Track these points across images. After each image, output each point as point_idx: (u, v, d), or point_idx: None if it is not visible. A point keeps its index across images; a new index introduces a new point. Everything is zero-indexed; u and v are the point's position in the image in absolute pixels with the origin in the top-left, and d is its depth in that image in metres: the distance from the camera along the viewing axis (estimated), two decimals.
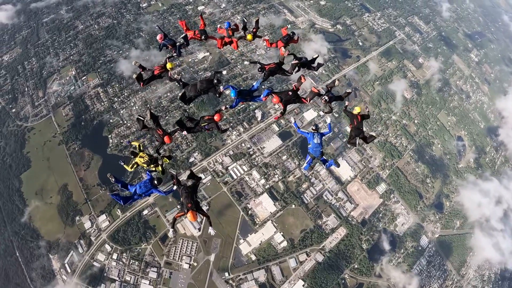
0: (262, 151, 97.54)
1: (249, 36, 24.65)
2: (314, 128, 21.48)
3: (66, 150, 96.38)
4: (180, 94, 21.26)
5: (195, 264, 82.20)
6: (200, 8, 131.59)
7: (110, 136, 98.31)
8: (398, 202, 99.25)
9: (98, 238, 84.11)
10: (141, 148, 22.20)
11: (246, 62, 29.59)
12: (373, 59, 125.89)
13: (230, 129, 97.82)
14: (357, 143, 21.92)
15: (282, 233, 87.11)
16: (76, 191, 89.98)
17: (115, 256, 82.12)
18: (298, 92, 21.99)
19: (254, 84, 21.73)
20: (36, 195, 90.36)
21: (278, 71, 22.58)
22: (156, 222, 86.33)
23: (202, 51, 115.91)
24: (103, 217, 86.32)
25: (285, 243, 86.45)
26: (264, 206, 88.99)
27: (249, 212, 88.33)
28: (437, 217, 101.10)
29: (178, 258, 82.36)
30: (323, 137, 21.39)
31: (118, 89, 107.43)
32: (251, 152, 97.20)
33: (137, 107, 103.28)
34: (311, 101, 23.15)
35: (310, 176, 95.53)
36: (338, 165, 23.49)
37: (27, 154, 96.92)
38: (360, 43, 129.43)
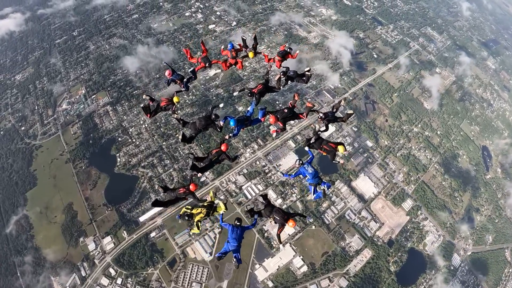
0: (278, 169, 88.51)
1: (250, 54, 24.19)
2: (300, 162, 20.12)
3: (73, 169, 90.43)
4: (180, 136, 20.41)
5: None
6: (211, 26, 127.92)
7: (118, 154, 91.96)
8: (426, 218, 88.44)
9: (102, 261, 75.76)
10: (191, 208, 18.97)
11: (235, 93, 30.58)
12: (389, 71, 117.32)
13: (239, 155, 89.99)
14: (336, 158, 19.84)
15: (301, 257, 76.63)
16: (81, 211, 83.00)
17: (119, 281, 73.50)
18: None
19: (249, 109, 21.44)
20: (40, 213, 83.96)
21: (267, 90, 22.00)
22: (164, 246, 77.40)
23: (214, 68, 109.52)
24: (108, 238, 78.28)
25: (305, 268, 75.78)
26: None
27: (265, 234, 78.24)
28: (468, 233, 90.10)
29: (188, 285, 72.82)
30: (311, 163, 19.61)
31: (128, 107, 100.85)
32: (267, 170, 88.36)
33: (146, 125, 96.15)
34: (307, 116, 21.69)
35: (331, 195, 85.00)
36: (331, 185, 20.81)
37: (34, 171, 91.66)
38: (375, 56, 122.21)
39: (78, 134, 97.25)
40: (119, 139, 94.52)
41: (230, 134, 21.25)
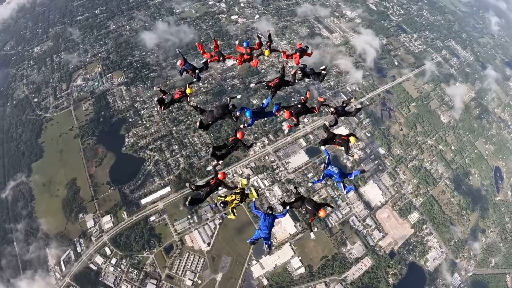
0: (286, 166, 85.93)
1: (266, 52, 24.40)
2: (324, 165, 20.22)
3: (81, 144, 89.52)
4: (198, 122, 20.51)
5: (199, 281, 70.52)
6: (234, 17, 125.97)
7: (127, 135, 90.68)
8: (431, 234, 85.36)
9: (99, 239, 74.54)
10: (225, 195, 18.98)
11: (252, 85, 27.97)
12: (409, 79, 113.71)
13: (255, 143, 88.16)
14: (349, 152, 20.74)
15: (300, 258, 74.18)
16: (84, 187, 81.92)
17: (113, 261, 72.14)
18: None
19: (264, 101, 21.58)
20: (43, 186, 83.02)
21: (283, 84, 22.56)
22: (163, 231, 75.70)
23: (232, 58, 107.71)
24: (107, 217, 76.92)
25: (302, 270, 73.38)
26: (284, 226, 76.25)
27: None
28: (471, 253, 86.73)
29: (182, 273, 71.07)
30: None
31: (142, 89, 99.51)
32: (275, 166, 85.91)
33: (158, 108, 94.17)
34: (319, 110, 22.19)
35: (337, 198, 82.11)
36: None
37: (42, 144, 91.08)
38: (396, 63, 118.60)
39: (89, 111, 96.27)
40: (130, 119, 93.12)
41: (245, 124, 21.70)
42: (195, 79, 23.38)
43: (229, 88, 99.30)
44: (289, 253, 73.98)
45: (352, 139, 19.60)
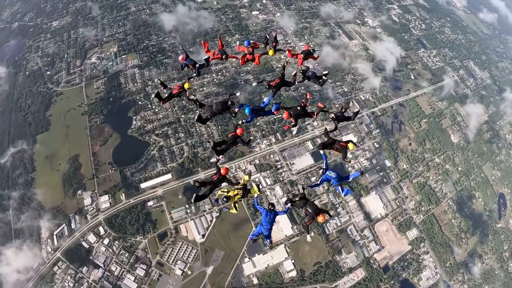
0: (290, 167, 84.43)
1: (270, 52, 24.35)
2: (323, 171, 20.08)
3: (88, 122, 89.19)
4: (196, 116, 20.64)
5: (189, 272, 69.53)
6: (254, 13, 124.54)
7: (135, 117, 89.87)
8: (428, 253, 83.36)
9: (94, 218, 73.95)
10: (228, 190, 19.06)
11: (253, 84, 27.65)
12: (423, 95, 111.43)
13: (255, 138, 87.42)
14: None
15: (293, 261, 72.73)
16: (86, 165, 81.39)
17: (106, 241, 71.57)
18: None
19: (265, 100, 22.20)
20: (46, 158, 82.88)
21: (283, 84, 22.80)
22: (159, 217, 74.84)
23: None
24: (105, 197, 76.35)
25: (294, 273, 71.91)
26: (281, 227, 74.72)
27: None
28: (465, 277, 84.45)
29: (172, 262, 70.09)
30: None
31: (155, 74, 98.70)
32: (279, 166, 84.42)
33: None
34: (317, 115, 22.47)
35: (338, 206, 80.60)
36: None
37: (49, 117, 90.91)
38: (412, 77, 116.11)
39: (100, 89, 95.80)
40: (140, 102, 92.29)
41: (244, 120, 21.84)
42: (194, 74, 23.77)
43: (242, 82, 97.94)
44: (282, 255, 72.59)
45: (350, 145, 19.72)
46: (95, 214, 73.95)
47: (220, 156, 20.83)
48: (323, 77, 23.41)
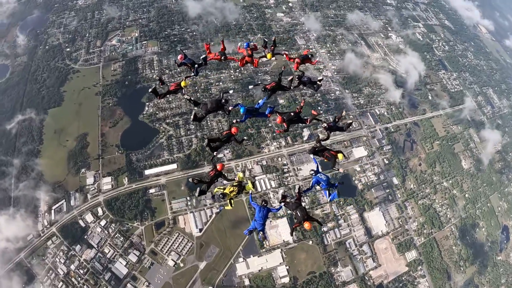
0: (297, 173, 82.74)
1: (268, 55, 24.86)
2: (312, 172, 21.00)
3: (101, 102, 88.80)
4: (192, 115, 21.62)
5: (182, 265, 68.40)
6: (279, 15, 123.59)
7: (148, 104, 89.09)
8: (424, 276, 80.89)
9: (94, 198, 73.21)
10: (224, 187, 19.91)
11: (250, 87, 28.34)
12: (439, 117, 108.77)
13: (265, 140, 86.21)
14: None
15: (287, 267, 70.95)
16: (93, 144, 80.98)
17: (103, 222, 70.81)
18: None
19: (259, 102, 22.13)
20: (54, 133, 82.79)
21: (279, 88, 23.03)
22: (159, 205, 73.86)
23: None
24: (108, 179, 75.67)
25: (286, 279, 70.17)
26: (279, 231, 73.19)
27: (260, 232, 71.87)
28: None
29: (166, 252, 69.10)
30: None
31: (172, 63, 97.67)
32: (285, 170, 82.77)
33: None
34: (311, 123, 23.06)
35: (340, 217, 78.85)
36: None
37: (63, 93, 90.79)
38: (430, 97, 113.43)
39: (117, 72, 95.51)
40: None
41: (237, 119, 22.28)
42: (193, 74, 24.19)
43: (259, 81, 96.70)
44: (277, 260, 70.91)
45: (340, 156, 20.01)
46: (95, 194, 73.29)
47: (215, 152, 21.15)
48: (318, 82, 23.76)
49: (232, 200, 19.54)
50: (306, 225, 17.63)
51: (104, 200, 72.58)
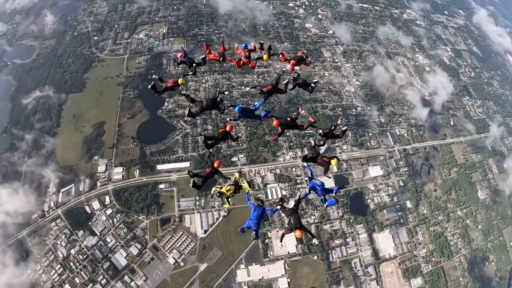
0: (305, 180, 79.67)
1: (265, 56, 24.51)
2: (307, 179, 22.34)
3: (121, 93, 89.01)
4: (187, 111, 21.42)
5: (182, 264, 67.12)
6: (308, 25, 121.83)
7: (168, 100, 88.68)
8: None
9: (103, 187, 73.03)
10: (221, 186, 19.51)
11: (247, 88, 32.09)
12: (459, 144, 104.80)
13: (281, 148, 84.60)
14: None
15: (289, 280, 68.63)
16: (109, 133, 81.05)
17: (109, 211, 70.43)
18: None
19: (256, 104, 22.71)
20: (72, 117, 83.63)
21: (275, 91, 23.22)
22: (167, 201, 72.98)
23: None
24: (119, 169, 75.47)
25: None
26: (285, 242, 70.59)
27: (266, 241, 71.44)
28: None
29: (168, 249, 68.01)
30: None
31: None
32: (298, 181, 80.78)
33: (206, 85, 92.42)
34: (307, 129, 22.99)
35: (348, 235, 76.22)
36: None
37: (86, 79, 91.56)
38: (452, 123, 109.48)
39: (141, 65, 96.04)
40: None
41: (232, 118, 22.89)
42: (191, 72, 24.33)
43: (282, 89, 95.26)
44: (280, 271, 68.69)
45: (333, 161, 19.84)
46: (105, 182, 73.11)
47: (210, 149, 21.36)
48: (312, 84, 23.79)
49: (229, 199, 19.38)
50: (297, 233, 17.29)
51: (113, 189, 72.18)
